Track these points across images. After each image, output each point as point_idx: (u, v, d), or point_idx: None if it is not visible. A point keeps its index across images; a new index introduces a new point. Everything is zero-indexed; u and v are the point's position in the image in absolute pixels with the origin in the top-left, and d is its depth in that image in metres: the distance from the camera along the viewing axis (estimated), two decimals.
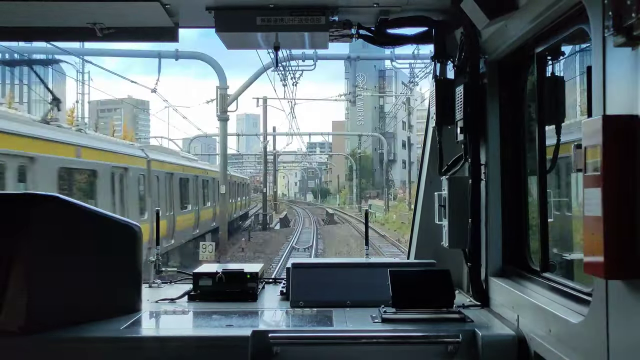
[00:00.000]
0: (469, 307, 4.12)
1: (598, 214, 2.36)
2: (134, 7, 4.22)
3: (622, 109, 2.33)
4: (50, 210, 3.81)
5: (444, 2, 4.23)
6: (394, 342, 3.68)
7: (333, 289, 4.33)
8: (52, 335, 3.58)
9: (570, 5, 2.96)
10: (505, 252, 4.09)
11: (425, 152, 5.16)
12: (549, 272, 3.56)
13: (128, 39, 4.86)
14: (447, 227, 4.31)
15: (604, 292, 2.50)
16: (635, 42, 2.23)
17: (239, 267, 4.69)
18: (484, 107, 4.15)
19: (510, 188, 4.10)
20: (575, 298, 3.07)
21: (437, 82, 4.50)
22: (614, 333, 2.46)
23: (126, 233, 4.17)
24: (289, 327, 3.87)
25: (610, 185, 2.32)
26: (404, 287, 3.95)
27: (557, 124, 3.66)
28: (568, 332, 2.90)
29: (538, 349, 3.27)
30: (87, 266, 3.89)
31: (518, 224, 4.06)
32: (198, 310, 4.22)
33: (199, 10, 4.34)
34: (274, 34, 4.54)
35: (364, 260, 4.84)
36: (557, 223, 4.37)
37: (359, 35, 4.67)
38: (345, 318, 3.92)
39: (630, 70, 2.28)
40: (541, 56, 3.66)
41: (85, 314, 3.79)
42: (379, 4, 4.24)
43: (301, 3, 4.29)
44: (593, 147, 2.40)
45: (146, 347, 3.62)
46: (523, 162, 4.06)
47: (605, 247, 2.32)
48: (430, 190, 4.81)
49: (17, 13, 4.34)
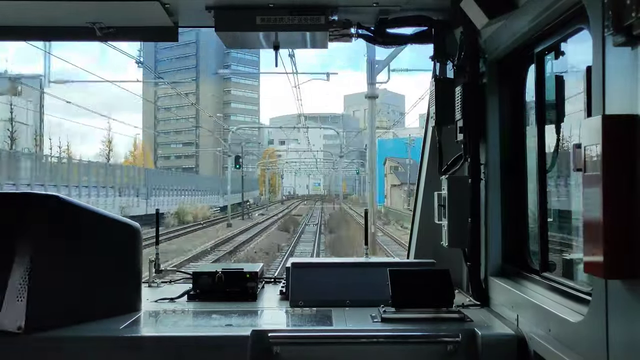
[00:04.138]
0: (468, 306, 4.12)
1: (597, 214, 2.36)
2: (133, 6, 4.22)
3: (621, 109, 2.34)
4: (50, 210, 3.81)
5: (444, 1, 4.23)
6: (394, 341, 3.68)
7: (333, 288, 4.33)
8: (51, 335, 3.58)
9: (570, 4, 2.96)
10: (505, 251, 4.10)
11: (424, 151, 5.17)
12: (549, 272, 3.57)
13: (127, 38, 4.87)
14: (447, 226, 4.31)
15: (604, 292, 2.50)
16: (635, 41, 2.23)
17: (239, 266, 4.70)
18: (483, 106, 4.15)
19: (509, 187, 4.10)
20: (575, 297, 3.07)
21: (437, 82, 4.50)
22: (613, 332, 2.46)
23: (126, 232, 4.17)
24: (289, 327, 3.87)
25: (610, 185, 2.32)
26: (403, 287, 3.95)
27: (557, 124, 3.66)
28: (568, 331, 2.90)
29: (537, 349, 3.27)
30: (87, 266, 3.89)
31: (518, 224, 4.07)
32: (197, 310, 4.22)
33: (199, 9, 4.35)
34: (274, 34, 4.54)
35: (363, 260, 4.84)
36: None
37: (358, 35, 4.67)
38: (344, 318, 3.92)
39: (630, 70, 2.28)
40: (541, 56, 3.66)
41: (84, 314, 3.79)
42: (379, 3, 4.24)
43: (301, 3, 4.29)
44: (592, 147, 2.41)
45: (146, 346, 3.62)
46: (523, 161, 4.06)
47: (604, 247, 2.32)
48: (429, 190, 4.81)
49: (16, 12, 4.34)
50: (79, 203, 4.10)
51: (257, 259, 26.27)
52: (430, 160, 5.01)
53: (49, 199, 3.88)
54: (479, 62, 4.19)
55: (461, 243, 4.26)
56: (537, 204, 3.69)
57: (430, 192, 4.72)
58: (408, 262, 4.86)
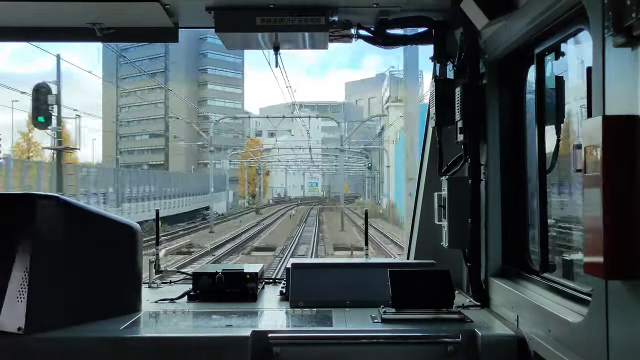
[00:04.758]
0: (468, 307, 4.12)
1: (598, 214, 2.36)
2: (133, 7, 4.22)
3: (621, 109, 2.34)
4: (50, 210, 3.81)
5: (444, 2, 4.23)
6: (394, 342, 3.68)
7: (333, 289, 4.33)
8: (51, 335, 3.58)
9: (570, 5, 2.96)
10: (505, 252, 4.10)
11: (424, 152, 5.17)
12: (549, 272, 3.57)
13: (128, 39, 4.87)
14: (447, 227, 4.31)
15: (604, 292, 2.50)
16: (635, 42, 2.23)
17: (239, 267, 4.70)
18: (483, 107, 4.15)
19: (509, 188, 4.10)
20: (575, 298, 3.07)
21: (437, 82, 4.50)
22: (613, 333, 2.46)
23: (126, 233, 4.17)
24: (289, 327, 3.87)
25: (610, 185, 2.32)
26: (403, 287, 3.95)
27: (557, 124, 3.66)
28: (568, 332, 2.90)
29: (538, 349, 3.27)
30: (87, 266, 3.89)
31: (518, 224, 4.07)
32: (198, 311, 4.22)
33: (199, 10, 4.35)
34: (274, 34, 4.55)
35: (363, 261, 4.85)
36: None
37: (358, 36, 4.68)
38: (344, 318, 3.92)
39: (630, 70, 2.28)
40: (541, 56, 3.66)
41: (85, 314, 3.79)
42: (379, 4, 4.25)
43: (301, 3, 4.29)
44: (593, 147, 2.41)
45: (146, 347, 3.62)
46: (523, 162, 4.06)
47: (604, 247, 2.32)
48: (429, 191, 4.81)
49: (16, 12, 4.34)
50: (79, 204, 4.11)
51: None
52: (430, 161, 5.01)
53: (49, 200, 3.87)
54: (479, 63, 4.19)
55: (461, 244, 4.26)
56: (537, 204, 3.69)
57: (430, 193, 4.73)
58: (408, 263, 4.86)
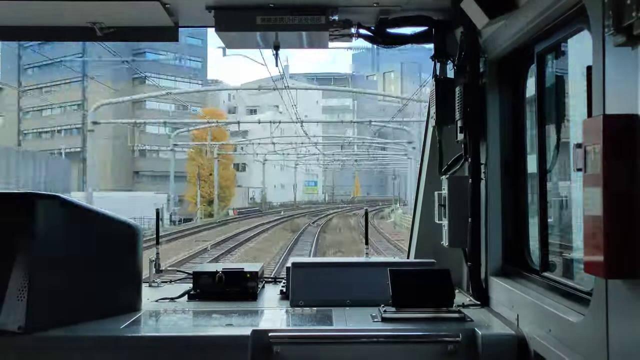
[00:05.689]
0: (468, 306, 4.12)
1: (598, 214, 2.36)
2: (133, 6, 4.22)
3: (622, 109, 2.34)
4: (50, 210, 3.81)
5: (444, 1, 4.23)
6: (394, 341, 3.68)
7: (333, 288, 4.33)
8: (51, 335, 3.58)
9: (570, 5, 2.96)
10: (505, 251, 4.10)
11: (425, 151, 5.17)
12: (549, 272, 3.57)
13: (128, 38, 4.87)
14: (447, 226, 4.31)
15: (604, 292, 2.50)
16: (635, 41, 2.23)
17: (239, 266, 4.70)
18: (483, 106, 4.15)
19: (510, 187, 4.10)
20: (575, 297, 3.08)
21: (437, 82, 4.50)
22: (613, 332, 2.46)
23: (126, 232, 4.17)
24: (289, 327, 3.87)
25: (610, 185, 2.32)
26: (403, 287, 3.95)
27: (557, 124, 3.66)
28: (568, 331, 2.90)
29: (538, 349, 3.27)
30: (87, 266, 3.89)
31: (518, 224, 4.07)
32: (198, 310, 4.22)
33: (199, 9, 4.35)
34: (274, 34, 4.54)
35: (363, 260, 4.85)
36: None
37: (359, 35, 4.67)
38: (345, 317, 3.92)
39: (630, 69, 2.28)
40: (541, 56, 3.66)
41: (85, 314, 3.80)
42: (379, 3, 4.24)
43: (301, 3, 4.29)
44: (593, 147, 2.41)
45: (146, 346, 3.62)
46: (523, 161, 4.07)
47: (605, 247, 2.32)
48: (430, 190, 4.81)
49: (16, 12, 4.34)
50: (79, 203, 4.11)
51: None
52: (430, 160, 5.01)
53: (49, 199, 3.87)
54: (479, 62, 4.19)
55: (461, 243, 4.26)
56: (537, 204, 3.70)
57: (430, 192, 4.73)
58: (408, 262, 4.86)
